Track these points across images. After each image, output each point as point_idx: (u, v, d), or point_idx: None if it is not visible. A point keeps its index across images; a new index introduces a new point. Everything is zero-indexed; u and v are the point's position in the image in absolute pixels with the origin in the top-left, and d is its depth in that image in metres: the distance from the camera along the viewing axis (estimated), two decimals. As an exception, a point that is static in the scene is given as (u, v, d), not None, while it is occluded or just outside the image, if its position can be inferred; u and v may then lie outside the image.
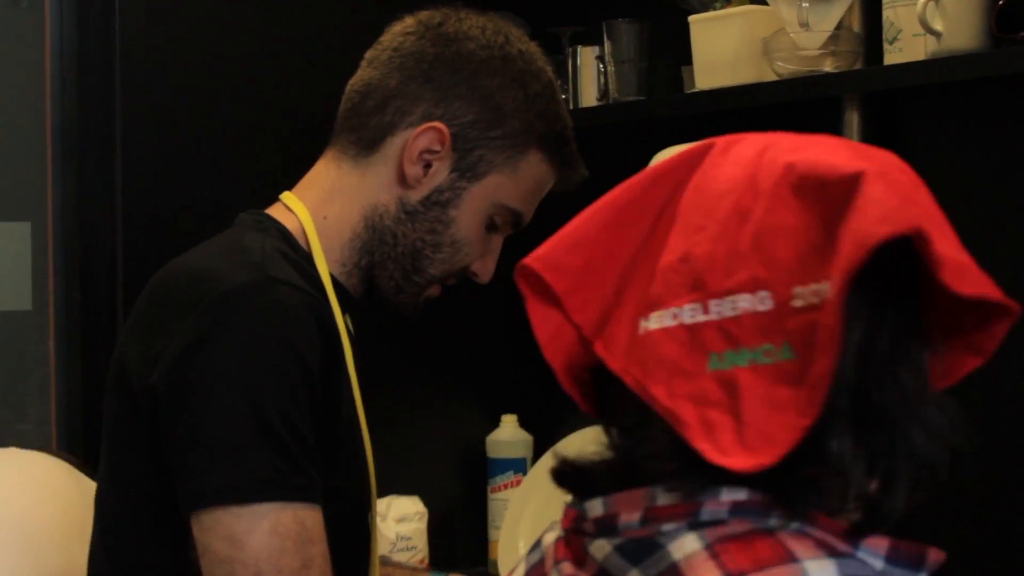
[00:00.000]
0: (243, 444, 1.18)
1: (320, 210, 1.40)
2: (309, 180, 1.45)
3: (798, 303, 0.78)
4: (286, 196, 1.43)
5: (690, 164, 0.88)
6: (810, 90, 1.75)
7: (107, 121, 2.12)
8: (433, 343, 2.34)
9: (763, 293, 0.80)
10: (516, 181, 1.42)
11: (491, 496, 2.31)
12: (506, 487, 2.29)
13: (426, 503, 2.23)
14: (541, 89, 1.42)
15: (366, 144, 1.40)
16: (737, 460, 0.77)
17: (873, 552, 0.79)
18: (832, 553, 0.77)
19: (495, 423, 2.34)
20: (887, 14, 1.66)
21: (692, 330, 0.82)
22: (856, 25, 1.76)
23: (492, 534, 2.29)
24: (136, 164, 2.10)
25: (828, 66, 1.74)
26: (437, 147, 1.38)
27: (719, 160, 0.86)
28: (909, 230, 0.75)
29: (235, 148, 2.14)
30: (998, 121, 1.68)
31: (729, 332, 0.81)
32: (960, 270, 0.77)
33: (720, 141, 0.89)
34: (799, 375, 0.77)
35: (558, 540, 0.89)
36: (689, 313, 0.82)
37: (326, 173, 1.44)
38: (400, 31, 1.44)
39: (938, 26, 1.57)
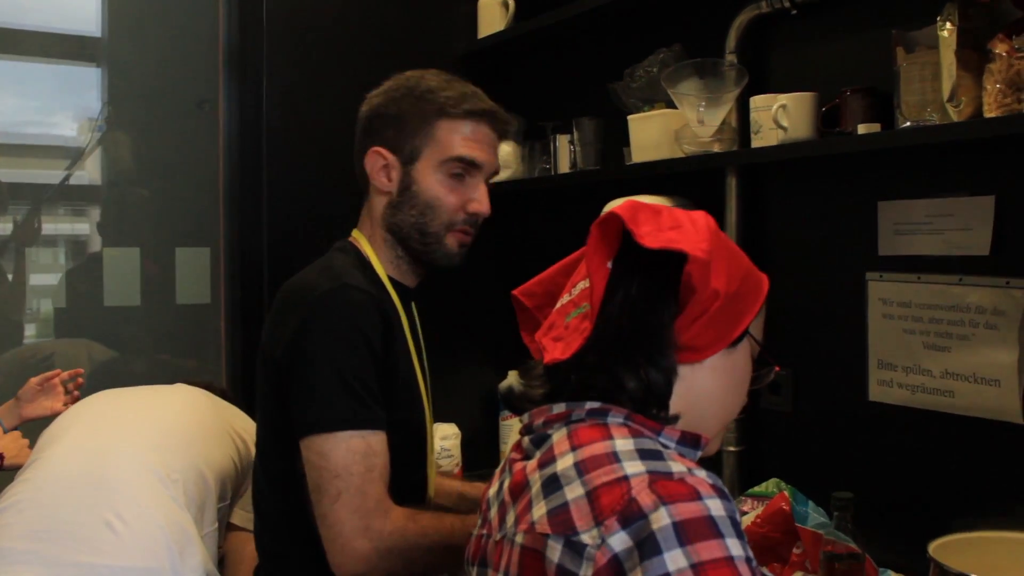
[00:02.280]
0: (330, 395, 1.20)
1: (366, 233, 1.41)
2: (360, 218, 1.45)
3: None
4: (354, 230, 1.44)
5: None
6: (705, 164, 1.74)
7: (257, 182, 2.16)
8: (465, 325, 2.35)
9: (587, 280, 0.89)
10: (441, 144, 1.35)
11: (502, 423, 2.33)
12: (511, 417, 2.29)
13: (460, 427, 2.24)
14: (424, 87, 1.36)
15: (364, 187, 1.42)
16: (550, 357, 0.88)
17: (669, 437, 0.86)
18: (636, 435, 0.84)
19: (503, 375, 2.34)
20: (753, 115, 1.67)
21: (564, 305, 0.93)
22: (733, 121, 1.76)
23: (503, 447, 2.31)
24: (276, 211, 2.13)
25: (716, 148, 1.73)
26: (383, 160, 1.37)
27: None
28: (614, 215, 0.87)
29: (339, 201, 2.11)
30: (823, 184, 1.68)
31: (576, 302, 0.91)
32: (650, 237, 0.85)
33: None
34: (592, 308, 0.87)
35: (515, 442, 0.96)
36: (566, 297, 0.94)
37: (362, 211, 1.44)
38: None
39: (785, 123, 1.58)
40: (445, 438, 2.19)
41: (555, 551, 0.77)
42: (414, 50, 2.28)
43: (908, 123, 1.41)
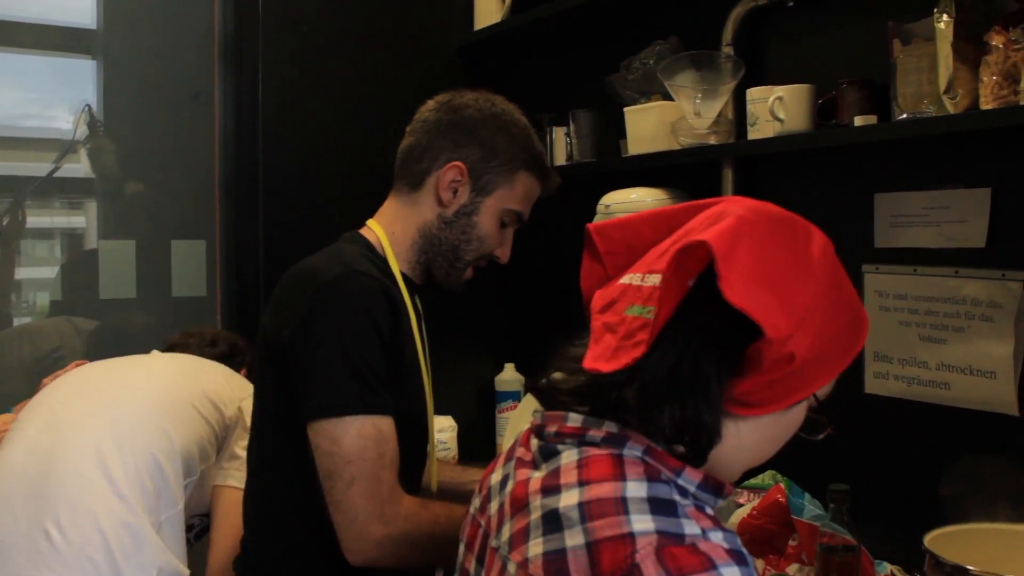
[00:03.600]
0: (339, 378, 1.18)
1: (389, 229, 1.41)
2: (382, 211, 1.44)
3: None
4: (370, 221, 1.43)
5: (707, 205, 0.86)
6: (701, 155, 1.74)
7: (253, 175, 2.15)
8: (462, 317, 2.33)
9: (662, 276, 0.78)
10: (513, 192, 1.41)
11: (498, 415, 2.33)
12: (507, 410, 2.30)
13: (456, 420, 2.24)
14: (519, 131, 1.41)
15: (414, 185, 1.40)
16: (593, 365, 0.78)
17: (689, 479, 0.76)
18: (652, 476, 0.75)
19: (500, 368, 2.35)
20: (749, 107, 1.66)
21: (631, 287, 0.82)
22: (730, 113, 1.76)
23: (498, 440, 2.31)
24: (271, 204, 2.13)
25: (712, 140, 1.73)
26: (459, 177, 1.38)
27: (714, 206, 0.85)
28: (702, 244, 0.74)
29: (334, 193, 2.15)
30: (819, 176, 1.68)
31: (643, 296, 0.79)
32: (738, 289, 0.73)
33: (728, 198, 0.86)
34: (652, 327, 0.76)
35: (525, 432, 0.89)
36: (637, 278, 0.82)
37: (391, 206, 1.43)
38: (425, 109, 1.44)
39: (781, 115, 1.57)
40: (442, 430, 2.19)
41: None
42: (410, 42, 2.28)
43: (904, 115, 1.41)
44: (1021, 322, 1.36)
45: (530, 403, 2.18)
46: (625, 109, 1.93)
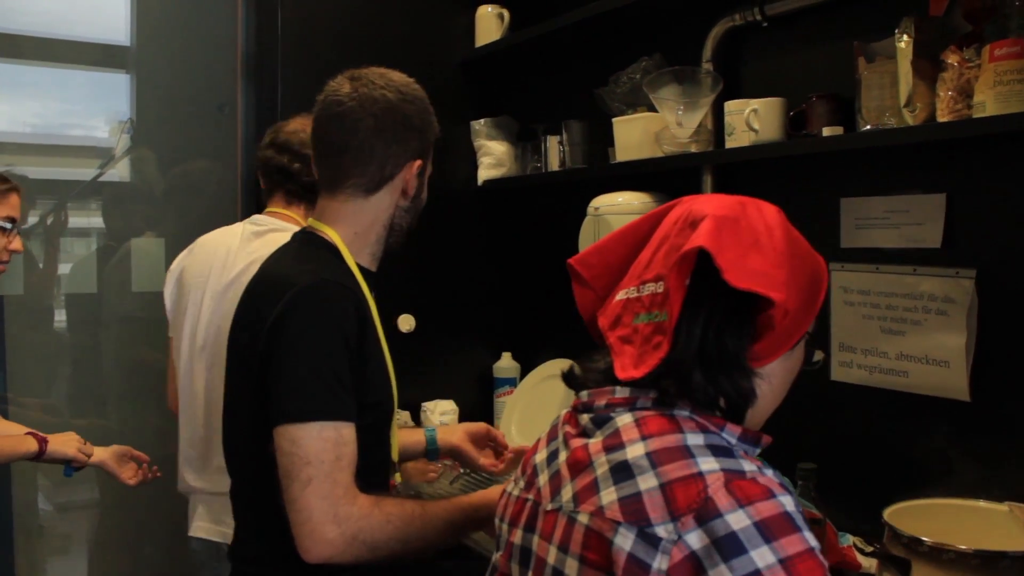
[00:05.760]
0: (304, 386, 1.14)
1: (348, 230, 1.29)
2: (332, 214, 1.30)
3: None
4: (319, 225, 1.30)
5: (664, 212, 0.90)
6: (683, 163, 1.74)
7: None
8: (463, 311, 2.34)
9: (661, 282, 0.82)
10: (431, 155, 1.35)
11: (496, 400, 2.32)
12: (504, 395, 2.30)
13: (457, 403, 2.24)
14: (423, 101, 1.32)
15: (372, 188, 1.29)
16: (626, 374, 0.82)
17: (732, 433, 0.81)
18: (704, 430, 0.79)
19: (498, 357, 2.34)
20: (727, 118, 1.66)
21: (629, 301, 0.85)
22: (709, 124, 1.75)
23: (496, 423, 2.29)
24: None
25: (693, 148, 1.73)
26: (417, 171, 1.31)
27: (671, 211, 0.88)
28: (699, 246, 0.78)
29: None
30: (791, 182, 1.67)
31: (643, 302, 0.83)
32: (736, 272, 0.77)
33: (679, 200, 0.90)
34: (667, 329, 0.80)
35: (567, 412, 0.90)
36: (633, 291, 0.85)
37: (347, 209, 1.29)
38: (345, 104, 1.29)
39: (756, 126, 1.58)
40: (444, 413, 2.20)
41: (626, 539, 0.73)
42: (417, 57, 2.26)
43: (868, 126, 1.41)
44: (973, 316, 1.36)
45: (524, 391, 2.18)
46: (613, 120, 1.92)
